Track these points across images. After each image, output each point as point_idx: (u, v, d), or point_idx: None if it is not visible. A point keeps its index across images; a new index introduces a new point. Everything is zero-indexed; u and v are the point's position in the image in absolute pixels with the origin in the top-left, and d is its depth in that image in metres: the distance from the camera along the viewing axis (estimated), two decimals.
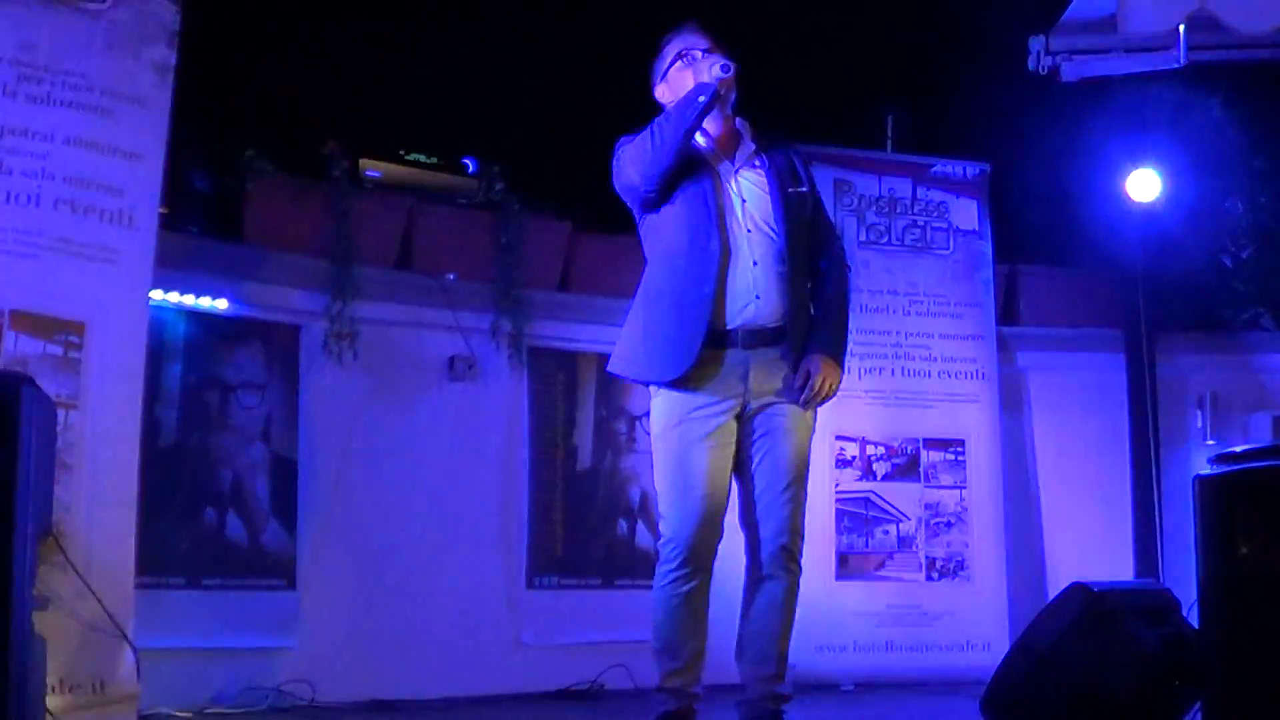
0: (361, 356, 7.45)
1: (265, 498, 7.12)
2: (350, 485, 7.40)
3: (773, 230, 5.22)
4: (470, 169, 8.20)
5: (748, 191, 5.29)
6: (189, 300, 6.92)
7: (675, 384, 5.14)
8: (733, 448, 5.19)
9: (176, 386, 6.90)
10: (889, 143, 9.10)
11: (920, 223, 8.75)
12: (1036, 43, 7.34)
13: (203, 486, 6.94)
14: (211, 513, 6.95)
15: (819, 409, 5.34)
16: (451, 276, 7.82)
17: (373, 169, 7.87)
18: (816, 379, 5.15)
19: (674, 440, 5.19)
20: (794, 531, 5.22)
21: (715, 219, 5.17)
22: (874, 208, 8.68)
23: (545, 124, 8.65)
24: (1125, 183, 8.65)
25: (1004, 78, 7.78)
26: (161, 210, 6.19)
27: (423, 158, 8.13)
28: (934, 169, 8.86)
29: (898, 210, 8.72)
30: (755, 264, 5.16)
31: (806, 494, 5.28)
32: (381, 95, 8.54)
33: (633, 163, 5.28)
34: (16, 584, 4.56)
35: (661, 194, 5.23)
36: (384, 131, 8.17)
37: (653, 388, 5.27)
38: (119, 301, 5.90)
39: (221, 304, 7.05)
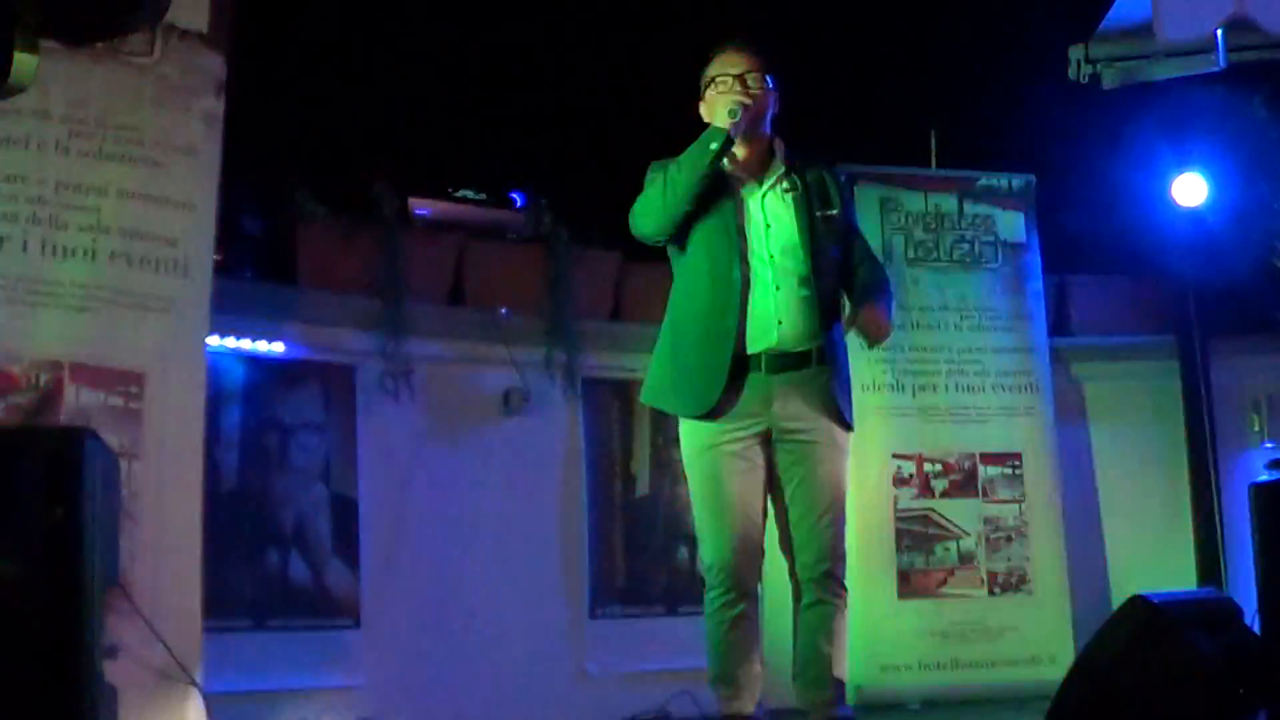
0: (417, 393, 7.50)
1: (327, 537, 7.17)
2: (411, 522, 7.44)
3: (799, 254, 5.20)
4: (518, 203, 8.24)
5: (774, 214, 5.24)
6: (246, 345, 6.99)
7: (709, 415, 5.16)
8: (763, 471, 5.18)
9: (236, 430, 6.97)
10: (933, 158, 9.07)
11: (968, 237, 8.74)
12: (1076, 52, 7.37)
13: (265, 529, 7.00)
14: (274, 554, 7.00)
15: (853, 427, 5.31)
16: (504, 311, 7.86)
17: (422, 207, 7.93)
18: (864, 319, 5.14)
19: (703, 466, 5.20)
20: (835, 557, 5.20)
21: (737, 247, 5.15)
22: (921, 224, 8.67)
23: (592, 155, 8.68)
24: (1171, 187, 8.62)
25: (1046, 88, 7.79)
26: (215, 257, 6.27)
27: (471, 194, 8.18)
28: (979, 182, 8.85)
29: (945, 226, 8.71)
30: (777, 289, 5.14)
31: (844, 516, 5.26)
32: (428, 133, 8.60)
33: (645, 214, 5.26)
34: (86, 634, 4.62)
35: (679, 236, 5.24)
36: (432, 169, 8.23)
37: (683, 415, 5.29)
38: (177, 350, 5.98)
39: (278, 347, 7.11)
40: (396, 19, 8.76)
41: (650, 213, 5.26)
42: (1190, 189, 8.60)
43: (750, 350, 5.14)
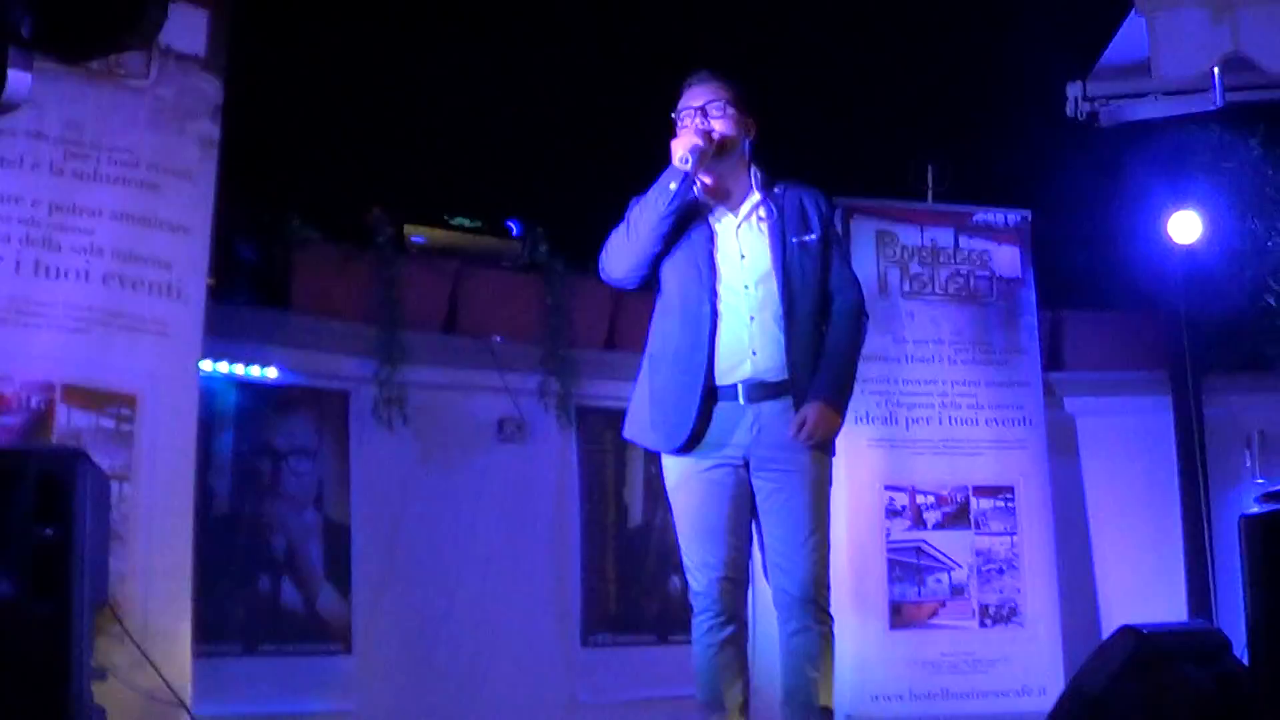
0: (411, 420, 7.50)
1: (319, 563, 7.17)
2: (403, 548, 7.45)
3: (774, 283, 5.20)
4: (514, 231, 8.26)
5: (749, 245, 5.22)
6: (239, 369, 7.00)
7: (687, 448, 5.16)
8: (746, 498, 5.19)
9: (228, 455, 6.98)
10: (930, 193, 9.09)
11: (963, 271, 8.75)
12: (1074, 89, 7.39)
13: (257, 553, 7.00)
14: (266, 579, 7.01)
15: (834, 459, 5.30)
16: (498, 339, 7.88)
17: (417, 234, 7.94)
18: (809, 428, 5.12)
19: (685, 495, 5.21)
20: (818, 584, 5.19)
21: (707, 281, 5.14)
22: (916, 258, 8.68)
23: (587, 184, 8.71)
24: (1166, 224, 8.64)
25: (1043, 124, 7.82)
26: (209, 281, 6.28)
27: (466, 221, 8.20)
28: (975, 217, 8.85)
29: (940, 260, 8.71)
30: (752, 319, 5.14)
31: (828, 543, 5.26)
32: (424, 160, 8.63)
33: (611, 257, 5.27)
34: (75, 656, 4.62)
35: (650, 281, 5.25)
36: (427, 196, 8.24)
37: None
38: (170, 373, 5.99)
39: (271, 372, 7.12)
40: (394, 46, 8.80)
41: (616, 256, 5.28)
42: (1185, 226, 8.63)
43: (726, 380, 5.15)
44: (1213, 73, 6.75)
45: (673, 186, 5.08)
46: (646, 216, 5.13)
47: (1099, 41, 7.27)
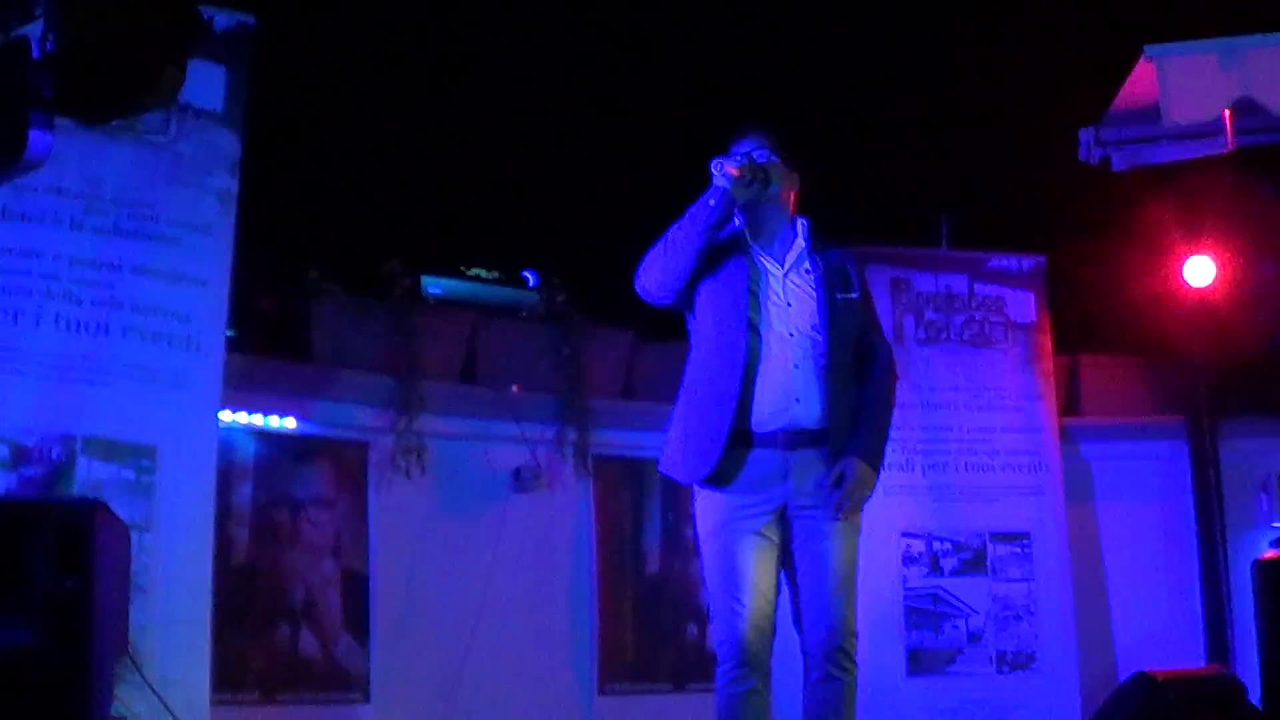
0: (429, 470, 7.54)
1: (338, 612, 7.20)
2: (422, 597, 7.46)
3: (817, 335, 5.21)
4: (531, 282, 8.30)
5: (794, 295, 5.26)
6: (258, 420, 7.04)
7: (718, 485, 5.14)
8: (777, 548, 5.19)
9: (248, 505, 7.02)
10: (944, 239, 9.11)
11: (978, 318, 8.77)
12: (1086, 134, 7.40)
13: (275, 602, 7.03)
14: (285, 628, 7.03)
15: (862, 509, 5.32)
16: (516, 389, 7.91)
17: (435, 285, 7.98)
18: (849, 484, 5.13)
19: (718, 541, 5.19)
20: (848, 632, 5.18)
21: (745, 321, 5.15)
22: (931, 305, 8.70)
23: (605, 234, 8.74)
24: (1181, 268, 8.66)
25: (1056, 170, 7.84)
26: (228, 333, 6.33)
27: (484, 272, 8.24)
28: (990, 263, 8.88)
29: (955, 306, 8.74)
30: (796, 367, 5.15)
31: (856, 593, 5.26)
32: (441, 211, 8.67)
33: (648, 272, 5.29)
34: (94, 704, 4.65)
35: (683, 301, 5.27)
36: (444, 247, 8.29)
37: (697, 489, 5.30)
38: (189, 424, 6.04)
39: (290, 423, 7.16)
40: (410, 98, 8.84)
41: (650, 269, 5.29)
42: (1200, 270, 8.65)
43: (768, 427, 5.15)
44: (1224, 116, 6.77)
45: (712, 203, 5.11)
46: (683, 232, 5.15)
47: (1111, 86, 7.30)
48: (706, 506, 5.24)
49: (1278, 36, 6.56)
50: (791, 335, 5.19)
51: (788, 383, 5.14)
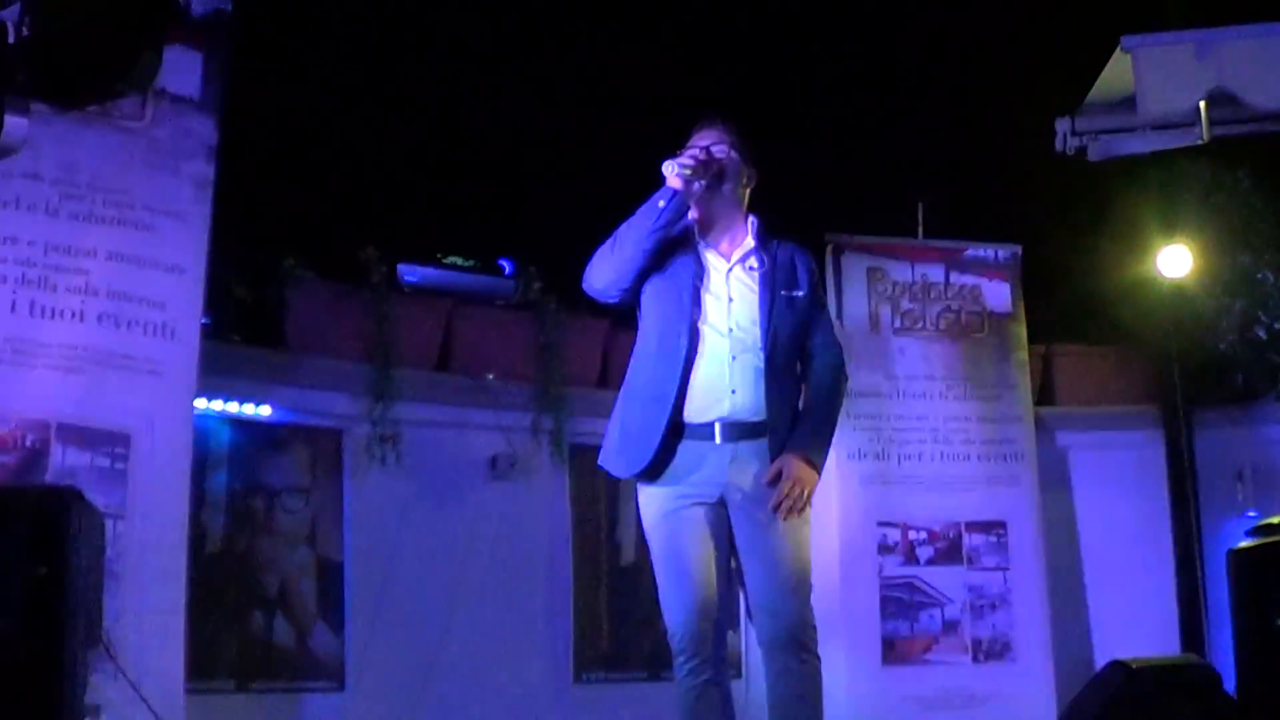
0: (404, 458, 7.53)
1: (312, 600, 7.19)
2: (396, 585, 7.45)
3: (757, 330, 5.18)
4: (507, 270, 8.28)
5: (737, 290, 5.21)
6: (233, 408, 7.03)
7: (654, 479, 5.10)
8: (724, 539, 5.15)
9: (222, 493, 7.00)
10: (920, 229, 9.11)
11: (954, 307, 8.78)
12: (1062, 124, 7.40)
13: (250, 591, 7.03)
14: (259, 616, 7.03)
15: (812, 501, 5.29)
16: (491, 376, 7.90)
17: (410, 273, 7.96)
18: (786, 483, 5.09)
19: (660, 533, 5.15)
20: (803, 623, 5.13)
21: (688, 314, 5.13)
22: (907, 294, 8.71)
23: (580, 223, 8.72)
24: (1157, 259, 8.69)
25: (1032, 160, 7.84)
26: (203, 320, 6.31)
27: (460, 260, 8.22)
28: (966, 253, 8.90)
29: (931, 296, 8.75)
30: (734, 359, 5.11)
31: (809, 583, 5.23)
32: (417, 199, 8.65)
33: (597, 270, 5.26)
34: (68, 693, 4.63)
35: (631, 298, 5.24)
36: (420, 235, 8.27)
37: (637, 483, 5.28)
38: (164, 412, 6.01)
39: (265, 410, 7.15)
40: (388, 86, 8.83)
41: (598, 268, 5.26)
42: (1175, 260, 8.67)
43: (701, 418, 5.13)
44: (1199, 107, 6.77)
45: (661, 204, 5.09)
46: (634, 232, 5.12)
47: (1087, 77, 7.31)
48: (647, 500, 5.19)
49: (1253, 28, 6.56)
50: (731, 330, 5.15)
51: (723, 375, 5.09)
